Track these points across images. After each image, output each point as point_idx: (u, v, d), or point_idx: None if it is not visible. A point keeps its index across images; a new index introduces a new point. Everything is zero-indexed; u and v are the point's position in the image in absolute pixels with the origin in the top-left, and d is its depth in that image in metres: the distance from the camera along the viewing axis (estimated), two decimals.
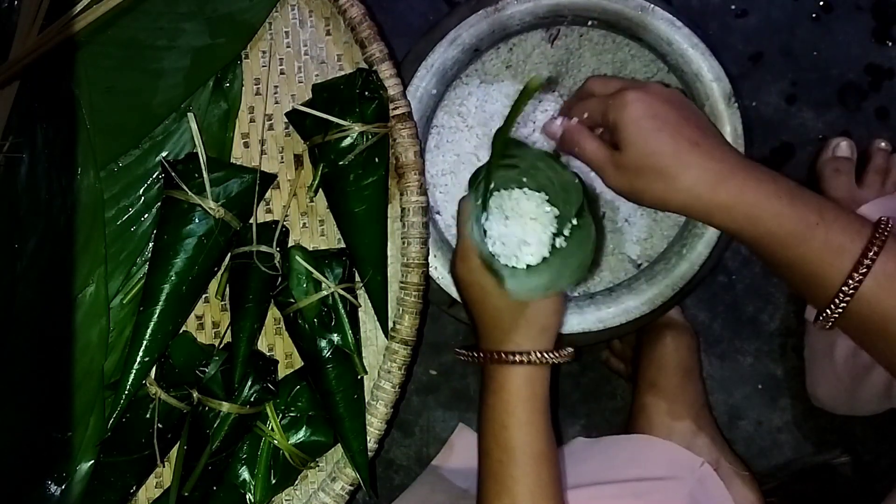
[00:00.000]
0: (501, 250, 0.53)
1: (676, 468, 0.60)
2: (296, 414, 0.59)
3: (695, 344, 0.72)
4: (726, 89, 0.62)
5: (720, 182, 0.46)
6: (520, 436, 0.49)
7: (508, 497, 0.48)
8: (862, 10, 0.78)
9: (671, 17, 0.62)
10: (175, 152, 0.61)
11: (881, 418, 0.68)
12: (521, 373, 0.50)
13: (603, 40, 0.66)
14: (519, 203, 0.53)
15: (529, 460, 0.49)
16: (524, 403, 0.50)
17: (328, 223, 0.62)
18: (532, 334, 0.51)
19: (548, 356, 0.50)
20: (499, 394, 0.50)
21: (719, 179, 0.46)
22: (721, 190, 0.46)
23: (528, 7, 0.62)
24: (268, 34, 0.63)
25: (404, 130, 0.59)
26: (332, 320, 0.58)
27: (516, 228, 0.53)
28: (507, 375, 0.50)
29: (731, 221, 0.46)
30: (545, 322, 0.51)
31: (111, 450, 0.58)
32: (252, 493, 0.59)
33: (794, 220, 0.45)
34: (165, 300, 0.57)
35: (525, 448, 0.49)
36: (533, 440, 0.49)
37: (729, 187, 0.46)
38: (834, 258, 0.44)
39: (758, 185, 0.46)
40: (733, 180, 0.46)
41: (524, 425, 0.49)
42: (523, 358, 0.50)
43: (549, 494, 0.49)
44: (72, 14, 0.58)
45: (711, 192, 0.46)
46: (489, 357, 0.51)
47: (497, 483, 0.49)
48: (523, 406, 0.50)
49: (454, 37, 0.63)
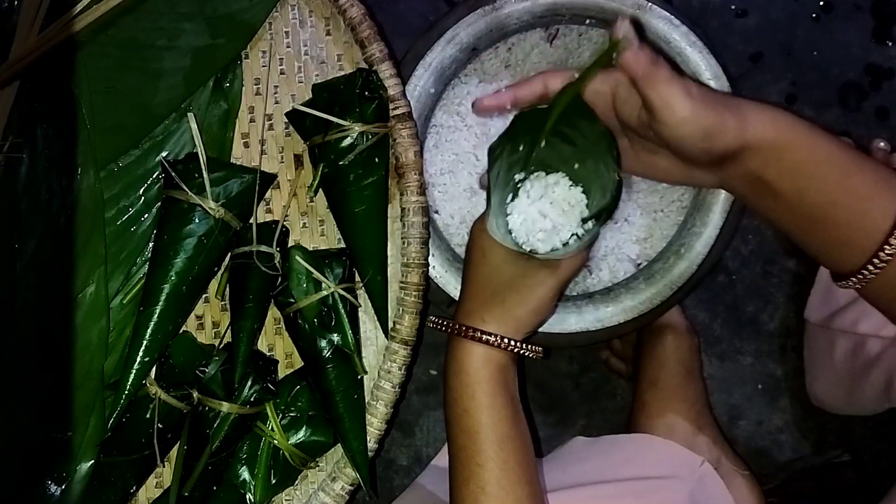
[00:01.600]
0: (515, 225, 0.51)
1: (677, 467, 0.60)
2: (296, 414, 0.59)
3: (695, 343, 0.72)
4: (724, 87, 0.62)
5: (780, 111, 0.46)
6: (482, 419, 0.48)
7: (476, 483, 0.48)
8: (862, 10, 0.78)
9: (669, 15, 0.62)
10: (175, 152, 0.61)
11: (881, 418, 0.68)
12: (481, 352, 0.49)
13: (602, 39, 0.66)
14: (555, 189, 0.50)
15: (494, 445, 0.48)
16: (484, 385, 0.49)
17: (328, 223, 0.62)
18: (504, 318, 0.50)
19: (508, 341, 0.50)
20: (459, 375, 0.50)
21: (775, 110, 0.46)
22: (785, 115, 0.46)
23: (526, 6, 0.62)
24: (268, 34, 0.63)
25: (404, 130, 0.59)
26: (332, 320, 0.58)
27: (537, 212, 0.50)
28: (467, 354, 0.50)
29: (797, 141, 0.45)
30: (521, 314, 0.50)
31: (111, 450, 0.58)
32: (252, 493, 0.59)
33: (848, 147, 0.45)
34: (165, 300, 0.57)
35: (488, 432, 0.48)
36: (496, 423, 0.48)
37: (788, 116, 0.46)
38: (884, 189, 0.43)
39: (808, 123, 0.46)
40: (789, 113, 0.46)
41: (485, 409, 0.48)
42: (485, 337, 0.49)
43: (517, 479, 0.48)
44: (72, 14, 0.58)
45: (782, 114, 0.46)
46: (451, 326, 0.51)
47: (465, 469, 0.48)
48: (483, 388, 0.49)
49: (452, 36, 0.63)
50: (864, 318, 0.60)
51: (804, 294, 0.74)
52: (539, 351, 0.52)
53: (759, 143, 0.46)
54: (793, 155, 0.45)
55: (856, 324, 0.61)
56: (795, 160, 0.46)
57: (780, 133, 0.45)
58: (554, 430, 0.78)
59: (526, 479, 0.48)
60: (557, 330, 0.62)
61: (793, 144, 0.45)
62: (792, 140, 0.45)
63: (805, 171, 0.46)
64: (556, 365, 0.79)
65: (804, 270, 0.77)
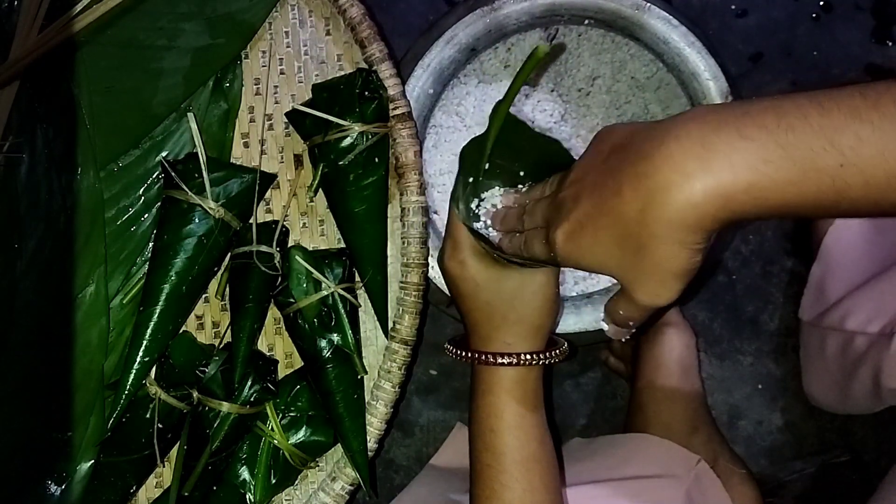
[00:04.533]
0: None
1: (673, 466, 0.60)
2: (296, 414, 0.59)
3: (693, 342, 0.72)
4: (723, 87, 0.62)
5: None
6: (509, 440, 0.47)
7: (498, 503, 0.47)
8: (862, 10, 0.78)
9: (667, 15, 0.62)
10: (175, 152, 0.61)
11: (881, 418, 0.68)
12: (511, 375, 0.48)
13: (602, 40, 0.66)
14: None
15: (519, 465, 0.47)
16: (512, 406, 0.48)
17: (328, 223, 0.62)
18: (523, 333, 0.49)
19: (538, 357, 0.48)
20: (486, 396, 0.49)
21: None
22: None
23: (525, 6, 0.62)
24: (268, 34, 0.63)
25: (404, 130, 0.59)
26: (332, 320, 0.58)
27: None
28: (496, 377, 0.48)
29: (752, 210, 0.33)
30: (538, 321, 0.49)
31: (111, 450, 0.58)
32: (252, 493, 0.59)
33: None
34: (165, 300, 0.57)
35: (514, 453, 0.47)
36: (522, 444, 0.48)
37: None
38: None
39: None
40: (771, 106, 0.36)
41: (513, 429, 0.48)
42: (512, 359, 0.48)
43: (540, 500, 0.47)
44: (72, 14, 0.58)
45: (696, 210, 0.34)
46: (477, 357, 0.49)
47: (487, 488, 0.48)
48: (512, 409, 0.48)
49: (450, 36, 0.63)
50: (851, 314, 0.60)
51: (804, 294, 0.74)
52: (565, 350, 0.51)
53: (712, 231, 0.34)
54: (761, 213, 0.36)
55: (843, 321, 0.60)
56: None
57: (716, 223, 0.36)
58: (553, 430, 0.78)
59: (550, 499, 0.48)
60: (557, 330, 0.63)
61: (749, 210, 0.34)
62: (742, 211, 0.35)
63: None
64: (557, 365, 0.79)
65: (804, 270, 0.77)
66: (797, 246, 0.78)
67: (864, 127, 0.30)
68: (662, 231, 0.33)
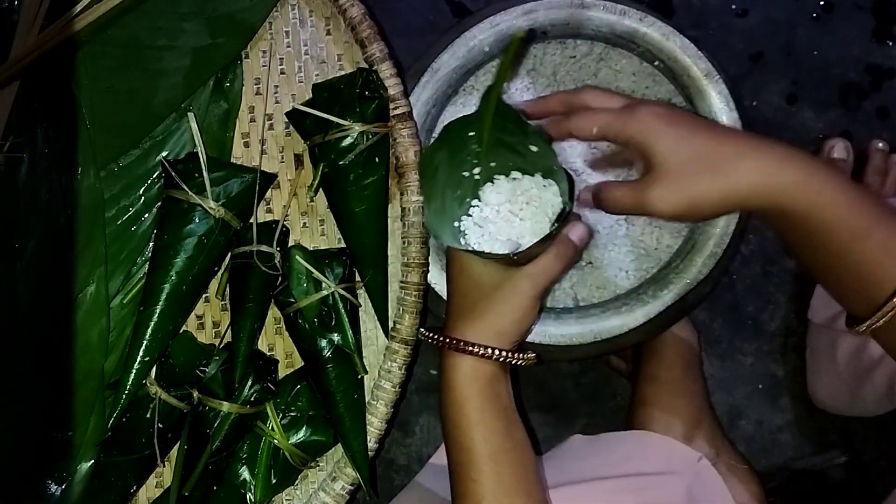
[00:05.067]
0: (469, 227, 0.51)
1: (674, 463, 0.60)
2: (296, 413, 0.59)
3: (695, 339, 0.72)
4: (723, 89, 0.62)
5: (786, 161, 0.42)
6: (473, 435, 0.47)
7: (472, 499, 0.47)
8: (862, 10, 0.78)
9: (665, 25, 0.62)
10: (175, 152, 0.61)
11: (881, 418, 0.68)
12: (469, 365, 0.48)
13: (602, 50, 0.66)
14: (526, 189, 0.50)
15: (487, 460, 0.47)
16: (473, 400, 0.48)
17: (328, 223, 0.62)
18: (487, 332, 0.48)
19: (497, 352, 0.48)
20: (448, 392, 0.49)
21: (785, 158, 0.43)
22: (790, 170, 0.42)
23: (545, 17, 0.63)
24: (268, 34, 0.63)
25: (404, 130, 0.59)
26: (332, 320, 0.58)
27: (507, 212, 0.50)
28: (456, 367, 0.48)
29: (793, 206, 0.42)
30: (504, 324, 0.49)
31: (111, 450, 0.58)
32: (252, 493, 0.59)
33: (861, 208, 0.42)
34: (166, 300, 0.57)
35: (479, 448, 0.47)
36: (487, 438, 0.47)
37: (791, 171, 0.42)
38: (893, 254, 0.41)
39: (820, 168, 0.42)
40: (795, 163, 0.42)
41: (475, 424, 0.47)
42: (470, 348, 0.48)
43: (513, 492, 0.47)
44: (72, 14, 0.58)
45: (779, 171, 0.42)
46: (442, 340, 0.49)
47: (460, 485, 0.48)
48: (472, 403, 0.48)
49: (458, 46, 0.63)
50: None
51: (804, 294, 0.74)
52: (531, 358, 0.51)
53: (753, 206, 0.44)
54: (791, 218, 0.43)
55: None
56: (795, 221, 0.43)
57: (776, 198, 0.43)
58: (554, 430, 0.78)
59: (524, 490, 0.47)
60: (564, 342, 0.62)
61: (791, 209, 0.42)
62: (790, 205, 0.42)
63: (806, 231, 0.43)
64: (556, 365, 0.79)
65: (804, 270, 0.77)
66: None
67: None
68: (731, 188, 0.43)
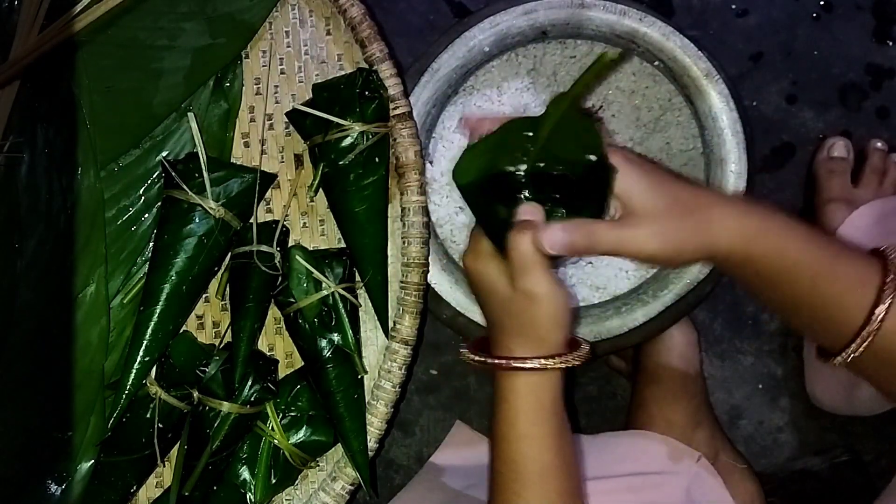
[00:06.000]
0: None
1: (673, 463, 0.60)
2: (296, 413, 0.59)
3: (694, 338, 0.72)
4: (723, 89, 0.62)
5: (748, 212, 0.43)
6: (522, 448, 0.46)
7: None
8: (862, 10, 0.78)
9: (665, 24, 0.62)
10: (175, 152, 0.61)
11: (881, 418, 0.68)
12: (523, 381, 0.47)
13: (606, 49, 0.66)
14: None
15: (533, 475, 0.46)
16: (526, 415, 0.46)
17: (328, 223, 0.62)
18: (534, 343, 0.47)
19: (552, 361, 0.46)
20: (501, 403, 0.47)
21: (747, 209, 0.44)
22: (753, 218, 0.43)
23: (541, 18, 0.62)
24: (268, 34, 0.63)
25: (404, 130, 0.59)
26: (332, 320, 0.58)
27: None
28: (508, 383, 0.47)
29: (761, 254, 0.43)
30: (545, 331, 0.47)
31: (111, 449, 0.58)
32: (252, 493, 0.59)
33: (822, 247, 0.43)
34: (166, 300, 0.57)
35: (527, 462, 0.46)
36: (537, 453, 0.46)
37: (755, 217, 0.43)
38: (858, 288, 0.42)
39: (779, 214, 0.44)
40: (758, 210, 0.44)
41: (525, 438, 0.46)
42: (524, 364, 0.46)
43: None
44: (72, 14, 0.58)
45: (744, 220, 0.43)
46: (493, 363, 0.48)
47: (502, 497, 0.47)
48: (525, 417, 0.46)
49: (459, 45, 0.63)
50: None
51: None
52: (584, 354, 0.48)
53: (725, 254, 0.44)
54: (759, 263, 0.43)
55: None
56: (763, 266, 0.43)
57: (747, 244, 0.43)
58: None
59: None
60: None
61: (759, 254, 0.43)
62: (758, 250, 0.43)
63: (773, 275, 0.43)
64: None
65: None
66: None
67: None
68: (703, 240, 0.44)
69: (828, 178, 0.73)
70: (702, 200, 0.44)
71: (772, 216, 0.44)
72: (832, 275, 0.42)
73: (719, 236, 0.43)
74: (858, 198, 0.70)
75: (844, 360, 0.43)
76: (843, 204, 0.70)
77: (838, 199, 0.71)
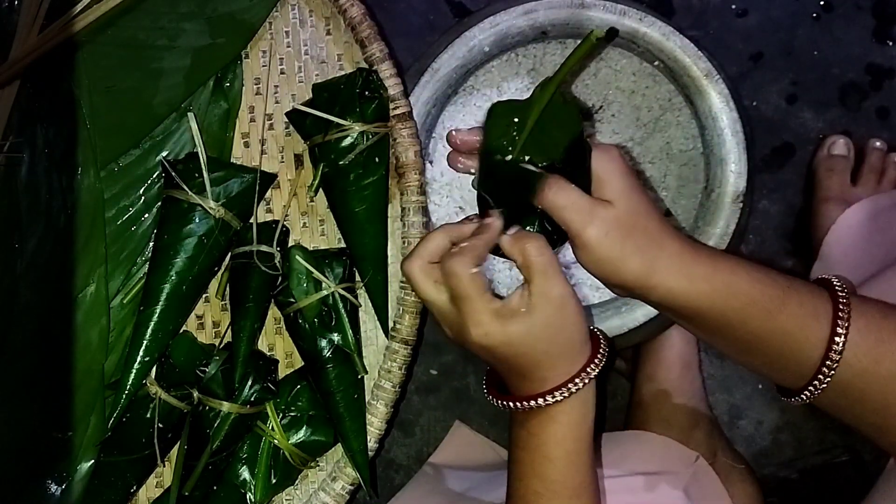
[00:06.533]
0: None
1: (671, 463, 0.60)
2: (296, 413, 0.59)
3: (693, 338, 0.72)
4: (723, 89, 0.62)
5: (698, 251, 0.43)
6: (562, 468, 0.44)
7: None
8: (862, 10, 0.78)
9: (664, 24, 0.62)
10: (175, 152, 0.61)
11: None
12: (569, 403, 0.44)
13: None
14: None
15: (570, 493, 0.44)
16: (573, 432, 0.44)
17: (328, 223, 0.62)
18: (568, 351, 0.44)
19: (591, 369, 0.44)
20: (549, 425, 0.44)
21: (697, 249, 0.43)
22: (702, 259, 0.42)
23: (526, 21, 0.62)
24: (268, 34, 0.63)
25: (404, 130, 0.59)
26: (332, 320, 0.58)
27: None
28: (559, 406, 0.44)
29: (710, 292, 0.42)
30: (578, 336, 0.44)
31: (111, 449, 0.58)
32: (252, 493, 0.59)
33: (770, 284, 0.42)
34: (166, 300, 0.57)
35: (567, 481, 0.44)
36: (576, 472, 0.44)
37: (705, 257, 0.43)
38: (812, 321, 0.41)
39: (725, 255, 0.44)
40: (706, 251, 0.43)
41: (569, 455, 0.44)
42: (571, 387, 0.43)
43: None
44: (72, 14, 0.58)
45: (694, 259, 0.42)
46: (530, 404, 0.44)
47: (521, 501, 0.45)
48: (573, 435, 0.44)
49: (458, 46, 0.63)
50: None
51: None
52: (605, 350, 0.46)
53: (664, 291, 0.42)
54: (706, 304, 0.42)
55: None
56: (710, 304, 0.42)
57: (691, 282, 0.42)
58: None
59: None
60: None
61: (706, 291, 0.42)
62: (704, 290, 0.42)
63: (724, 316, 0.42)
64: None
65: (804, 270, 0.77)
66: (797, 246, 0.78)
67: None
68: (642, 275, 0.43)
69: (827, 177, 0.73)
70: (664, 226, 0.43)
71: (718, 257, 0.43)
72: (784, 310, 0.41)
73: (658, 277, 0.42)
74: (856, 197, 0.70)
75: (809, 397, 0.42)
76: (839, 202, 0.70)
77: (836, 198, 0.71)
